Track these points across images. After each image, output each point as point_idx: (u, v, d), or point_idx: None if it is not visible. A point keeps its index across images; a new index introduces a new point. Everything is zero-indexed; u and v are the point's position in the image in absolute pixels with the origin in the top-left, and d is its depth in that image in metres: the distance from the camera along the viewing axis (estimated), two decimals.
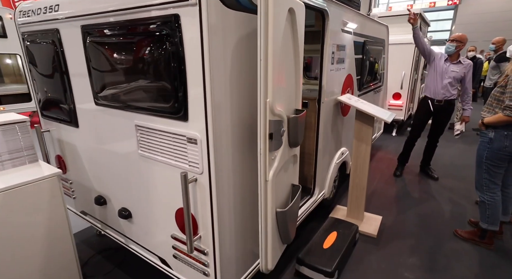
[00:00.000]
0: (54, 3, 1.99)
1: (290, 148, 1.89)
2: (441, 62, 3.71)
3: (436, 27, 18.02)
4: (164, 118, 1.61)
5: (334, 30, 2.57)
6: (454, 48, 3.58)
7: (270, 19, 1.40)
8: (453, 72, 3.65)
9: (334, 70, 2.72)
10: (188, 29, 1.35)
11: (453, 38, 3.60)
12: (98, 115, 2.03)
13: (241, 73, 1.56)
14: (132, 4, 1.50)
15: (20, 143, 2.08)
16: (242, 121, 1.63)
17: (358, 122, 2.85)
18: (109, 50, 1.75)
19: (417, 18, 3.53)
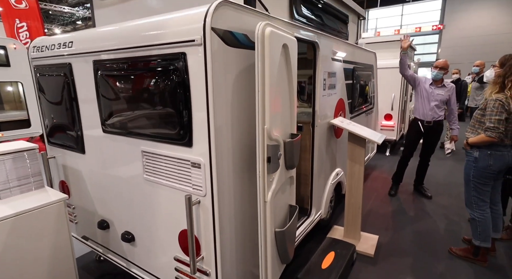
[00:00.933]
0: (68, 40, 2.17)
1: (286, 170, 2.00)
2: (426, 86, 3.94)
3: (423, 50, 18.83)
4: (170, 144, 1.74)
5: (325, 59, 2.77)
6: (442, 74, 3.84)
7: (266, 55, 1.57)
8: (438, 95, 3.88)
9: (326, 95, 2.90)
10: (193, 65, 1.51)
11: (440, 66, 3.86)
12: (105, 142, 2.15)
13: (241, 102, 1.70)
14: (143, 43, 1.67)
15: (28, 170, 2.17)
16: (242, 145, 1.75)
17: (351, 144, 2.99)
18: (119, 82, 1.90)
19: (409, 43, 3.78)
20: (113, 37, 1.87)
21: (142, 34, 1.70)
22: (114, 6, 2.66)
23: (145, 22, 1.74)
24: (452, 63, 16.09)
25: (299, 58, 2.12)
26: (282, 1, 2.27)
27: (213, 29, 1.44)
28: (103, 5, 2.75)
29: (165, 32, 1.58)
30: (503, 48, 15.26)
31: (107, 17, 2.74)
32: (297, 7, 2.43)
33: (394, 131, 6.34)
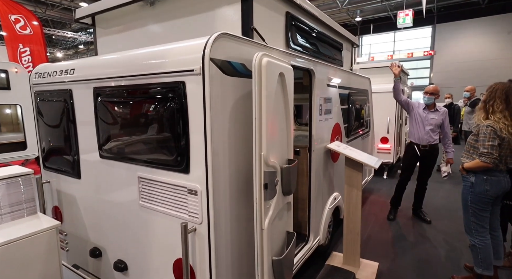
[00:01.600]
0: (70, 67, 2.22)
1: (284, 196, 1.99)
2: (420, 111, 4.03)
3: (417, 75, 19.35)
4: (167, 170, 1.73)
5: (320, 85, 2.84)
6: (433, 99, 3.95)
7: (263, 84, 1.62)
8: (432, 119, 3.96)
9: (323, 120, 2.94)
10: (192, 93, 1.55)
11: (431, 92, 3.97)
12: (102, 167, 2.14)
13: (238, 129, 1.73)
14: (143, 71, 1.71)
15: (22, 196, 2.14)
16: (239, 172, 1.75)
17: (347, 168, 3.00)
18: (119, 109, 1.93)
19: (399, 69, 3.91)
20: (114, 65, 1.92)
21: (143, 63, 1.75)
22: (116, 35, 2.75)
23: (146, 51, 1.79)
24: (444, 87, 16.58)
25: (296, 83, 2.19)
26: (278, 32, 2.36)
27: (212, 59, 1.49)
28: (105, 33, 2.84)
29: (165, 62, 1.63)
30: (490, 73, 15.90)
31: (109, 45, 2.82)
32: (293, 37, 2.52)
33: (390, 154, 6.37)
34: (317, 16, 2.86)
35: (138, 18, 2.54)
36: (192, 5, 2.21)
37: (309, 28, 2.84)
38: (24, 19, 7.87)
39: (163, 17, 2.39)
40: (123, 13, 2.63)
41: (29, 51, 7.96)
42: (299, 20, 2.62)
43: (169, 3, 2.32)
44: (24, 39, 7.91)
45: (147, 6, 2.44)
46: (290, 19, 2.46)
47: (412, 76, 19.08)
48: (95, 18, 2.86)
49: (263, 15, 2.13)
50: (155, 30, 2.47)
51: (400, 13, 13.74)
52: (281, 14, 2.37)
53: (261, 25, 2.10)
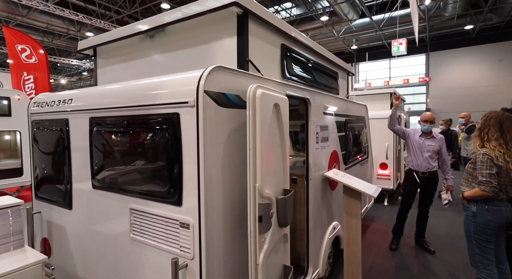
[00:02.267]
0: (68, 97, 2.24)
1: (280, 228, 1.93)
2: (416, 137, 4.04)
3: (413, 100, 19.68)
4: (159, 202, 1.69)
5: (317, 113, 2.87)
6: (430, 127, 3.98)
7: (257, 115, 1.62)
8: (430, 146, 3.96)
9: (320, 148, 2.93)
10: (186, 125, 1.55)
11: (428, 120, 4.00)
12: (94, 198, 2.10)
13: (232, 160, 1.71)
14: (139, 102, 1.73)
15: (10, 228, 2.08)
16: (233, 204, 1.71)
17: (346, 197, 2.94)
18: (114, 139, 1.92)
19: (399, 101, 3.98)
20: (110, 96, 1.94)
21: (138, 95, 1.77)
22: (116, 65, 2.81)
23: (142, 83, 1.82)
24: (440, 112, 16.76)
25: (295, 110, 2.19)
26: (274, 63, 2.42)
27: (206, 92, 1.51)
28: (106, 64, 2.91)
29: (160, 93, 1.65)
30: (484, 99, 16.25)
31: (109, 75, 2.88)
32: (288, 67, 2.58)
33: (390, 180, 6.30)
34: (312, 47, 2.94)
35: (138, 50, 2.61)
36: (190, 38, 2.28)
37: (305, 58, 2.91)
38: (30, 48, 8.12)
39: (162, 49, 2.45)
40: (123, 45, 2.71)
41: (33, 79, 8.13)
42: (294, 51, 2.70)
43: (168, 36, 2.40)
44: (29, 67, 8.11)
45: (147, 38, 2.52)
46: (286, 51, 2.52)
47: (409, 101, 19.41)
48: (96, 49, 2.94)
49: (258, 47, 2.19)
50: (154, 61, 2.52)
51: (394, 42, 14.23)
52: (277, 46, 2.44)
53: (257, 57, 2.16)
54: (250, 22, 2.05)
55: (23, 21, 12.63)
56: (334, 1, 11.74)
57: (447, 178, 3.99)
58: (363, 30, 15.49)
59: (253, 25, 2.09)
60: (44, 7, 10.59)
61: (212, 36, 2.15)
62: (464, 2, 12.65)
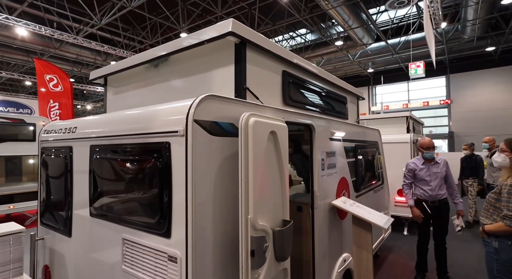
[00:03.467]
0: (73, 125, 2.32)
1: (277, 262, 1.82)
2: (420, 166, 3.84)
3: (435, 122, 19.08)
4: (150, 233, 1.65)
5: (322, 139, 2.79)
6: (433, 153, 3.80)
7: (250, 144, 1.58)
8: (436, 173, 3.76)
9: (326, 175, 2.82)
10: (176, 154, 1.53)
11: (430, 146, 3.82)
12: (91, 226, 2.08)
13: (226, 190, 1.66)
14: (133, 131, 1.74)
15: (10, 255, 2.08)
16: (226, 238, 1.64)
17: (355, 227, 2.78)
18: (109, 167, 1.94)
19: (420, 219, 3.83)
20: (107, 125, 1.98)
21: (132, 123, 1.79)
22: (125, 93, 2.91)
23: (136, 112, 1.85)
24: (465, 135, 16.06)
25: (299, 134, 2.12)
26: (275, 89, 2.41)
27: (196, 121, 1.50)
28: (115, 92, 3.02)
29: (153, 122, 1.66)
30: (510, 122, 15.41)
31: (118, 102, 2.97)
32: (290, 94, 2.56)
33: None
34: (316, 73, 2.93)
35: (144, 79, 2.70)
36: (191, 67, 2.33)
37: (309, 84, 2.89)
38: (57, 78, 8.68)
39: (166, 78, 2.52)
40: (131, 74, 2.82)
41: (58, 106, 8.62)
42: (297, 77, 2.69)
43: (171, 65, 2.47)
44: (55, 95, 8.64)
45: (152, 67, 2.61)
46: (287, 77, 2.52)
47: (431, 124, 18.82)
48: (107, 79, 3.07)
49: (258, 74, 2.20)
50: (159, 89, 2.59)
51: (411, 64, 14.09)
52: (278, 73, 2.44)
53: (256, 84, 2.16)
54: (248, 50, 2.07)
55: (56, 53, 13.64)
56: (348, 27, 11.90)
57: (456, 203, 3.75)
58: (379, 53, 15.49)
59: (251, 53, 2.11)
60: (74, 40, 11.43)
61: (211, 65, 2.18)
62: (483, 24, 12.46)
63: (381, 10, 12.72)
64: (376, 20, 12.98)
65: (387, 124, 6.58)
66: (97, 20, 10.75)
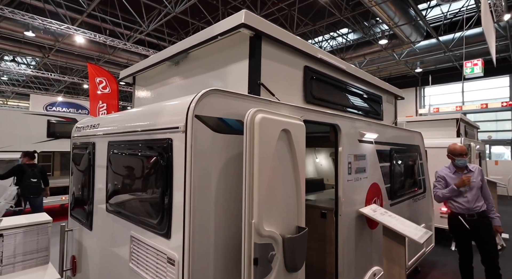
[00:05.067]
0: (96, 122, 2.40)
1: (288, 273, 1.67)
2: (451, 176, 3.34)
3: (496, 127, 17.11)
4: (152, 232, 1.61)
5: (349, 141, 2.57)
6: (466, 160, 3.29)
7: (256, 142, 1.47)
8: (472, 182, 3.24)
9: (353, 180, 2.59)
10: (177, 151, 1.47)
11: (463, 152, 3.30)
12: (107, 221, 2.12)
13: (231, 191, 1.56)
14: (141, 128, 1.73)
15: (37, 244, 2.20)
16: (228, 243, 1.53)
17: (386, 239, 2.50)
18: (121, 164, 1.96)
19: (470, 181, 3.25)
20: (121, 122, 2.00)
21: (141, 120, 1.78)
22: (151, 90, 2.96)
23: (144, 109, 1.83)
24: None
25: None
26: (295, 86, 2.26)
27: (198, 116, 1.42)
28: (142, 89, 3.09)
29: (157, 119, 1.62)
30: None
31: (144, 99, 3.05)
32: (313, 91, 2.39)
33: None
34: (345, 69, 2.71)
35: (167, 77, 2.72)
36: (209, 63, 2.28)
37: (335, 81, 2.69)
38: (106, 80, 9.35)
39: (186, 75, 2.50)
40: (155, 72, 2.86)
41: (106, 106, 9.27)
42: (322, 73, 2.51)
43: (190, 63, 2.44)
44: (103, 96, 9.31)
45: (173, 65, 2.61)
46: (309, 73, 2.35)
47: (491, 128, 16.90)
48: (135, 77, 3.16)
49: (275, 70, 2.07)
50: (180, 86, 2.58)
51: (466, 63, 12.80)
52: (299, 69, 2.29)
53: (272, 79, 2.03)
54: (264, 44, 1.95)
55: (110, 59, 14.82)
56: (394, 24, 11.15)
57: (491, 217, 3.22)
58: (429, 52, 14.30)
59: (268, 47, 1.99)
60: (124, 46, 12.30)
61: (227, 60, 2.11)
62: None
63: (431, 5, 11.74)
64: (426, 16, 11.99)
65: (434, 127, 5.99)
66: (145, 26, 11.42)
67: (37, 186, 5.33)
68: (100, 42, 11.85)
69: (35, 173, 5.35)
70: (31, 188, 5.25)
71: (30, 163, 5.47)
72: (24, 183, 5.21)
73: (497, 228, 3.21)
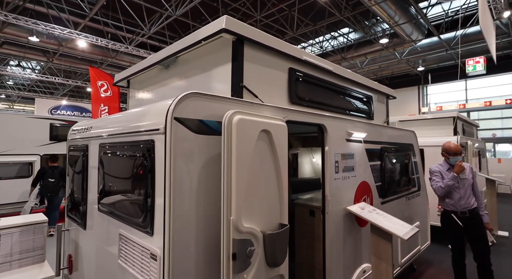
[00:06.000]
0: (89, 125, 2.48)
1: (270, 268, 1.73)
2: (445, 173, 3.37)
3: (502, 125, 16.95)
4: (137, 230, 1.68)
5: (337, 140, 2.62)
6: (460, 159, 3.33)
7: (234, 142, 1.53)
8: (463, 180, 3.30)
9: (341, 178, 2.64)
10: (159, 152, 1.54)
11: (458, 152, 3.34)
12: (99, 221, 2.20)
13: (211, 190, 1.62)
14: (127, 130, 1.81)
15: (33, 243, 2.29)
16: (209, 239, 1.60)
17: (374, 236, 2.55)
18: (109, 165, 2.04)
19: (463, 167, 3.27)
20: (108, 125, 2.09)
21: (128, 122, 1.85)
22: (143, 93, 3.05)
23: (132, 111, 1.91)
24: None
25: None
26: (280, 87, 2.32)
27: (177, 119, 1.49)
28: (136, 92, 3.18)
29: (141, 121, 1.69)
30: None
31: (138, 101, 3.13)
32: (298, 92, 2.45)
33: None
34: (331, 70, 2.77)
35: (158, 80, 2.80)
36: (196, 67, 2.35)
37: (322, 82, 2.74)
38: (107, 84, 9.50)
39: (175, 78, 2.58)
40: (148, 76, 2.95)
41: (108, 109, 9.42)
42: (307, 75, 2.56)
43: (179, 66, 2.52)
44: (105, 99, 9.46)
45: (164, 69, 2.69)
46: (294, 75, 2.41)
47: (497, 126, 16.73)
48: (129, 81, 3.25)
49: (258, 72, 2.13)
50: (170, 89, 2.66)
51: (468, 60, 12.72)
52: (283, 71, 2.35)
53: (256, 82, 2.10)
54: (246, 47, 2.02)
55: (112, 62, 15.02)
56: (395, 23, 11.14)
57: (481, 214, 3.29)
58: (431, 50, 14.26)
59: (251, 50, 2.06)
60: (125, 49, 12.48)
61: (213, 63, 2.18)
62: None
63: (432, 3, 11.70)
64: (427, 14, 11.96)
65: (431, 126, 6.00)
66: (147, 30, 11.57)
67: (54, 185, 5.78)
68: (103, 45, 12.04)
69: (54, 174, 5.85)
70: (48, 187, 5.72)
71: (52, 165, 6.01)
72: (43, 183, 5.73)
73: (487, 225, 3.28)
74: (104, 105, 9.43)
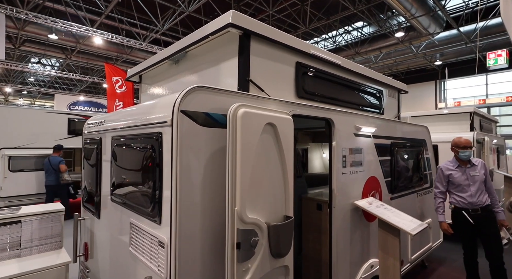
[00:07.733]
0: (103, 119, 2.58)
1: (274, 258, 1.77)
2: (454, 170, 3.29)
3: None
4: (146, 218, 1.75)
5: (344, 135, 2.61)
6: (471, 153, 3.24)
7: (239, 135, 1.57)
8: (476, 176, 3.20)
9: (348, 173, 2.64)
10: (166, 144, 1.59)
11: (468, 145, 3.25)
12: (112, 210, 2.29)
13: (216, 181, 1.67)
14: (137, 123, 1.87)
15: (51, 231, 2.41)
16: (215, 228, 1.65)
17: (381, 231, 2.54)
18: (121, 157, 2.11)
19: None
20: (120, 119, 2.16)
21: (138, 115, 1.92)
22: (154, 88, 3.12)
23: (141, 105, 1.97)
24: None
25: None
26: (287, 81, 2.34)
27: (183, 111, 1.54)
28: (147, 87, 3.26)
29: (151, 114, 1.75)
30: None
31: (149, 95, 3.21)
32: (305, 86, 2.45)
33: None
34: (339, 64, 2.75)
35: (168, 75, 2.87)
36: (205, 62, 2.39)
37: (330, 76, 2.73)
38: (121, 80, 9.72)
39: (185, 73, 2.64)
40: (159, 71, 3.02)
41: (122, 105, 9.66)
42: (315, 69, 2.56)
43: (189, 61, 2.57)
44: (120, 95, 9.69)
45: (174, 64, 2.75)
46: (302, 69, 2.42)
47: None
48: (141, 76, 3.33)
49: (264, 66, 2.15)
50: (180, 84, 2.72)
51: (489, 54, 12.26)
52: (290, 65, 2.36)
53: (263, 76, 2.12)
54: (253, 42, 2.04)
55: (127, 58, 15.32)
56: (411, 16, 10.83)
57: (496, 211, 3.18)
58: (449, 43, 13.77)
59: (257, 44, 2.08)
60: (139, 45, 12.72)
61: (220, 58, 2.21)
62: None
63: None
64: (445, 6, 11.56)
65: (446, 122, 5.85)
66: (160, 26, 11.73)
67: None
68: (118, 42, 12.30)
69: None
70: None
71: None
72: None
73: (502, 222, 3.18)
74: (119, 101, 9.66)
